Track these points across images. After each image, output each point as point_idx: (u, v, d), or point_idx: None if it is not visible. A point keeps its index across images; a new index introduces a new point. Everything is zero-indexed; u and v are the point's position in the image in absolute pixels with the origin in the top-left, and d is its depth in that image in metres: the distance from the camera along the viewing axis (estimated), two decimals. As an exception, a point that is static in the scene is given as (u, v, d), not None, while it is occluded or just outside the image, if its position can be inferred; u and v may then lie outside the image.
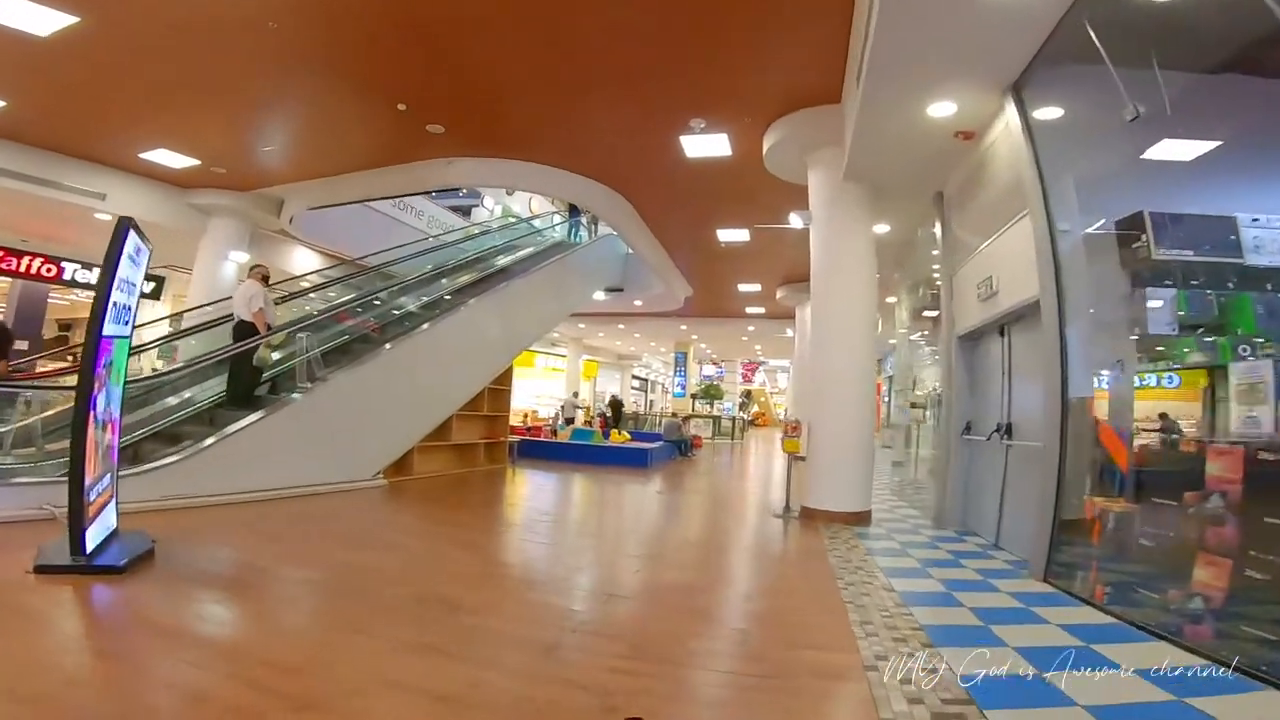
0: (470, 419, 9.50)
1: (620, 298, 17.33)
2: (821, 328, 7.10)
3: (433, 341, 8.58)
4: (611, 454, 11.89)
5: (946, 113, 5.56)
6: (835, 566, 4.61)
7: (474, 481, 8.43)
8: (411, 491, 7.21)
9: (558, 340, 27.70)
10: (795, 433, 6.78)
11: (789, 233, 11.99)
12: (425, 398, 8.23)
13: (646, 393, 42.06)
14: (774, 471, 12.51)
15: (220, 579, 3.73)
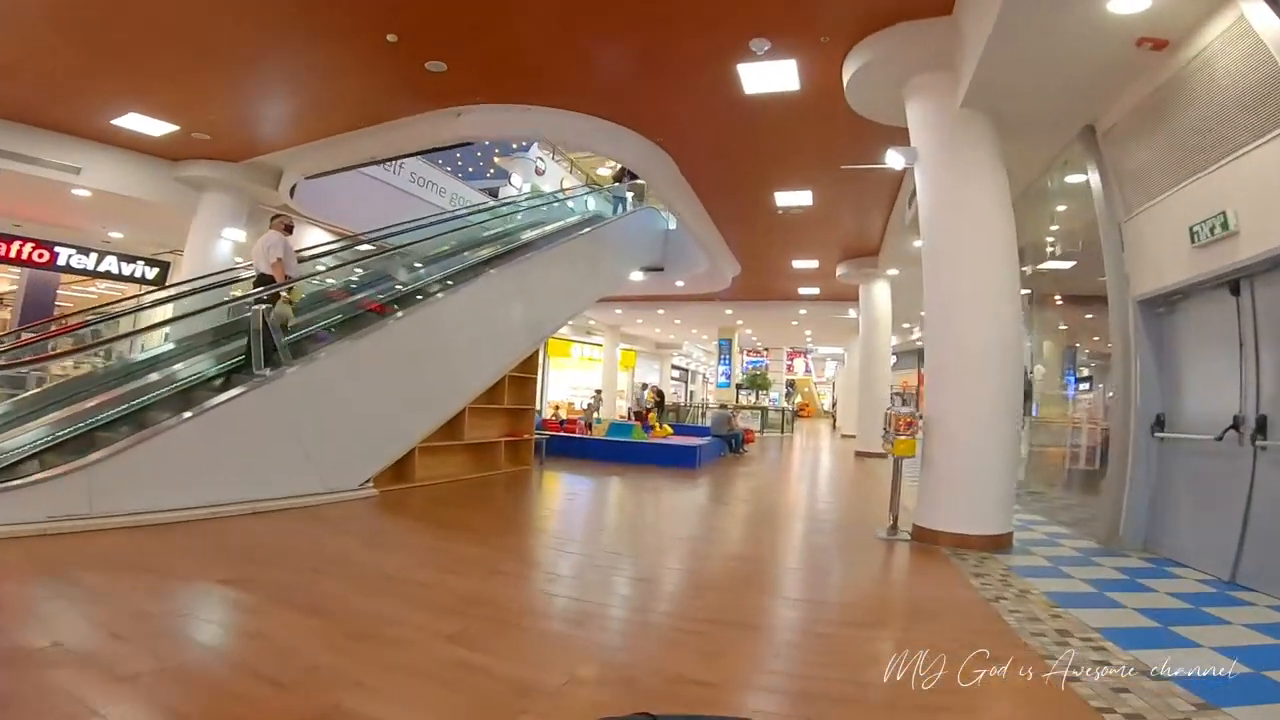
0: (488, 413, 8.05)
1: (660, 278, 15.71)
2: (940, 294, 5.34)
3: (440, 320, 7.13)
4: (653, 452, 10.32)
5: (1136, 7, 3.99)
6: (1023, 631, 2.94)
7: (490, 490, 6.96)
8: (408, 505, 5.77)
9: (594, 328, 26.26)
10: (909, 430, 5.06)
11: (860, 195, 10.19)
12: (429, 387, 6.78)
13: (686, 383, 40.36)
14: (846, 473, 10.73)
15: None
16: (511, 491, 7.08)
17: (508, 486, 7.28)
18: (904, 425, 5.05)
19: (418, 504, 5.85)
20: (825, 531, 5.80)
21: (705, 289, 16.64)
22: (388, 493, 5.99)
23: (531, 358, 8.83)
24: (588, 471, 9.19)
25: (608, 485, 8.00)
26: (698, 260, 14.50)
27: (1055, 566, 4.30)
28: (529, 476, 8.09)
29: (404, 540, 4.66)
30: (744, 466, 11.13)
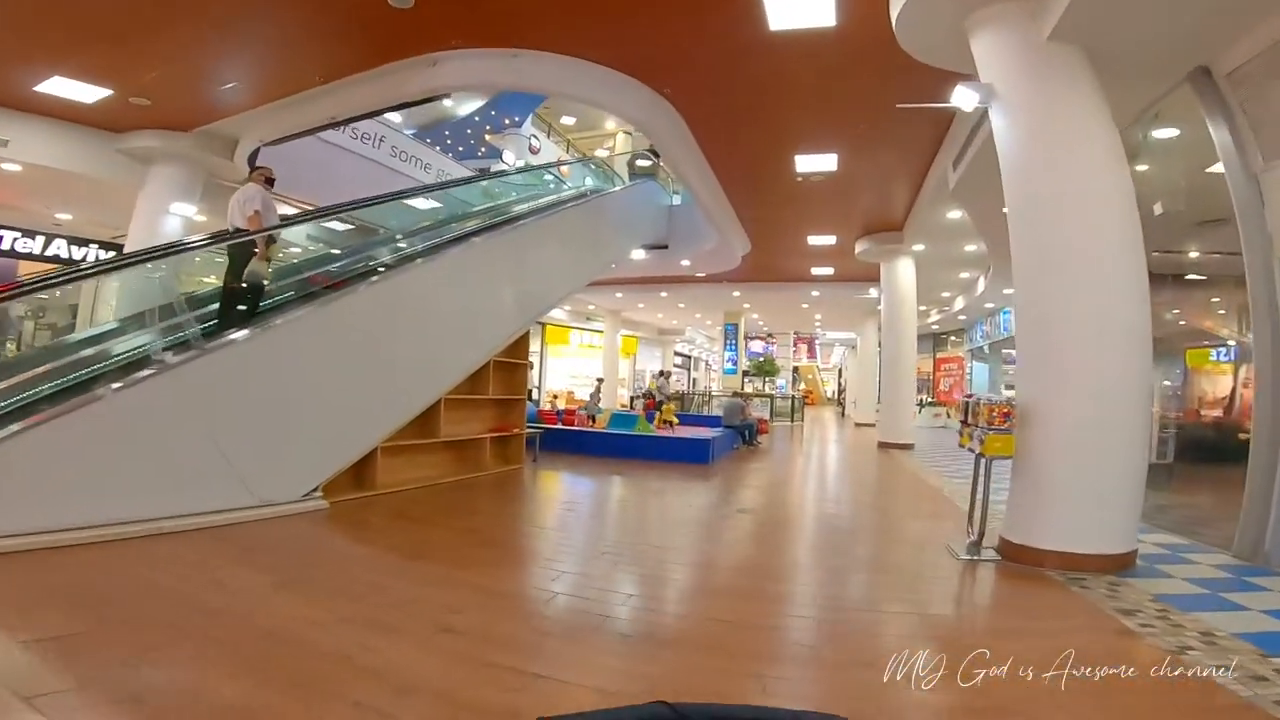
0: (470, 405, 6.99)
1: (664, 257, 14.61)
2: (1038, 254, 4.25)
3: (410, 294, 6.05)
4: (661, 447, 9.27)
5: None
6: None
7: (469, 498, 5.91)
8: (362, 521, 4.72)
9: (593, 313, 25.16)
10: (1008, 423, 3.96)
11: (891, 158, 9.02)
12: (395, 374, 5.72)
13: (690, 370, 39.30)
14: (876, 469, 9.67)
15: None
16: (495, 500, 6.01)
17: (492, 493, 6.22)
18: (1002, 417, 3.95)
19: (375, 519, 4.80)
20: (889, 552, 4.71)
21: (713, 269, 15.53)
22: (341, 504, 4.94)
23: (523, 341, 7.75)
24: (588, 470, 8.15)
25: (610, 489, 6.96)
26: (705, 237, 13.39)
27: (1214, 594, 3.27)
28: (519, 479, 7.04)
29: (335, 575, 3.46)
30: (760, 461, 10.09)
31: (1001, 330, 16.80)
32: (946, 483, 7.69)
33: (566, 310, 25.11)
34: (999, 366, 19.78)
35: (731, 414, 11.65)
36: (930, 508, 6.19)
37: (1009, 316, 16.19)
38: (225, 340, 4.51)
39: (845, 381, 33.72)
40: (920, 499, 6.67)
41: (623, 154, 17.00)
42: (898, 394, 12.61)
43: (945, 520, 5.47)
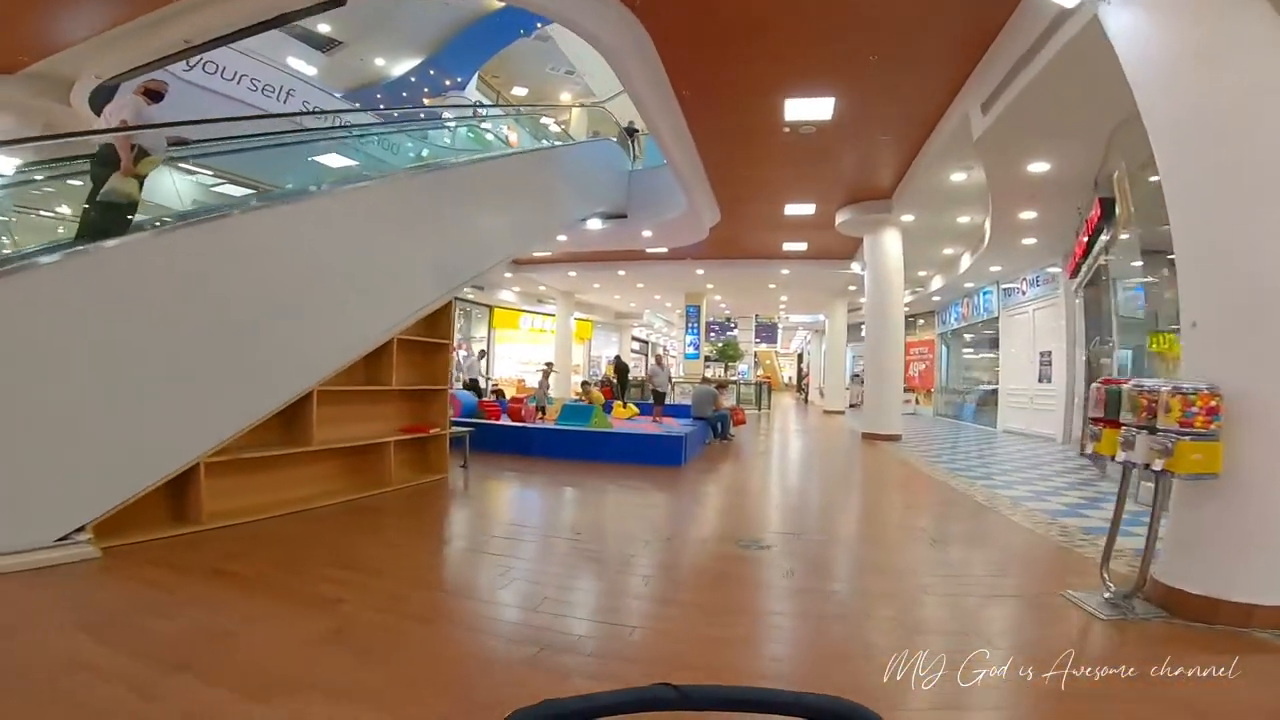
0: (363, 400, 5.22)
1: (623, 228, 12.92)
2: (1225, 188, 2.74)
3: (260, 242, 4.21)
4: (623, 446, 7.63)
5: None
6: None
7: (353, 529, 4.13)
8: (137, 581, 2.94)
9: (545, 295, 23.27)
10: (1210, 425, 2.44)
11: (902, 101, 7.53)
12: (225, 355, 3.90)
13: (648, 356, 37.82)
14: (876, 469, 8.24)
15: None
16: (390, 535, 4.19)
17: (390, 522, 4.44)
18: (1207, 415, 2.41)
19: (168, 575, 3.00)
20: (997, 613, 3.10)
21: (677, 242, 13.91)
22: (134, 549, 3.13)
23: (443, 317, 5.97)
24: (533, 477, 6.47)
25: (560, 511, 5.27)
26: (670, 205, 11.76)
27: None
28: (437, 497, 5.30)
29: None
30: (740, 461, 8.59)
31: (981, 311, 15.80)
32: (971, 484, 6.35)
33: (515, 292, 23.14)
34: (958, 351, 18.90)
35: (702, 404, 10.12)
36: (989, 529, 4.77)
37: (989, 297, 15.18)
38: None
39: (807, 367, 32.81)
40: (964, 513, 5.25)
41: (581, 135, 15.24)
42: (884, 380, 11.32)
43: (1024, 550, 4.05)
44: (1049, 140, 6.89)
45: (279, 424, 4.27)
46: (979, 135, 6.82)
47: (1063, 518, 5.00)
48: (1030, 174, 7.71)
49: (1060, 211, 9.06)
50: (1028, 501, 5.65)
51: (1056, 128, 6.62)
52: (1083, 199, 8.50)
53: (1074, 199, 8.58)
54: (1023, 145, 7.04)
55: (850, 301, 21.14)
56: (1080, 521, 4.85)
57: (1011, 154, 7.25)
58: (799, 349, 39.58)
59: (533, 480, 6.42)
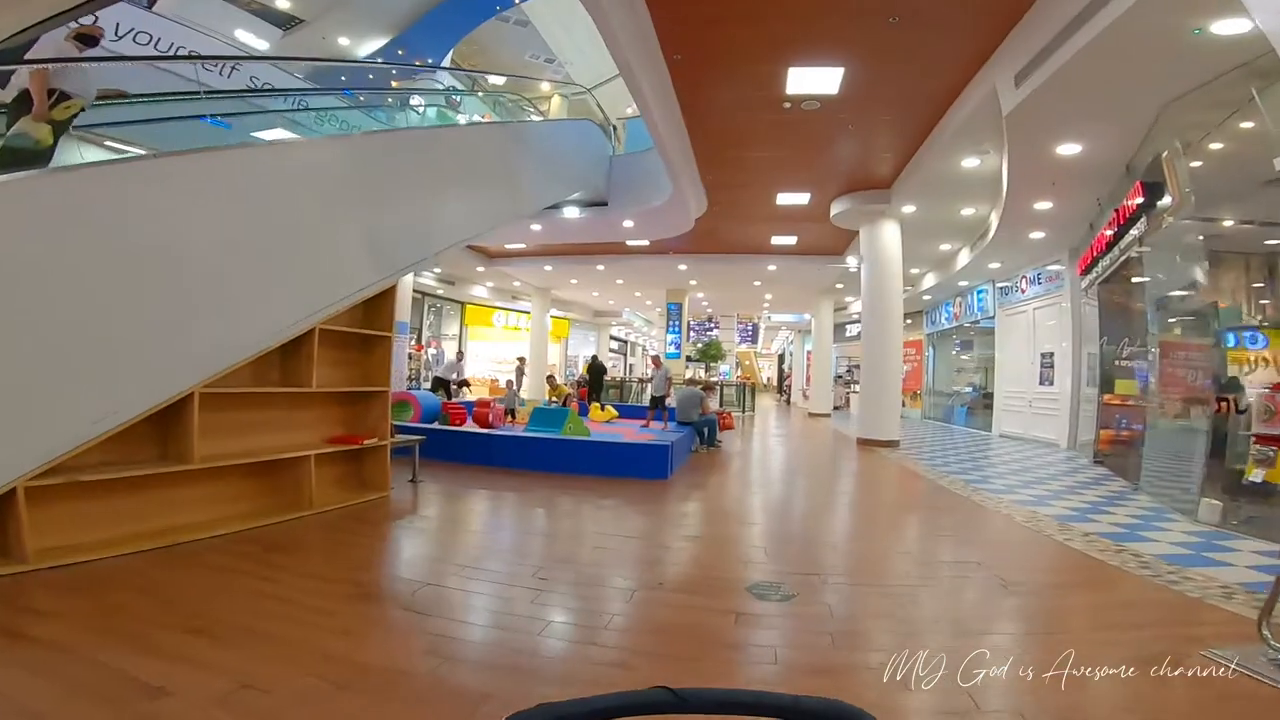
0: (279, 404, 4.22)
1: (602, 217, 12.00)
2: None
3: (134, 200, 3.20)
4: (600, 456, 6.69)
5: None
6: None
7: (223, 575, 3.10)
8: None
9: (520, 291, 22.23)
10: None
11: (917, 76, 6.64)
12: (72, 345, 2.89)
13: (626, 356, 36.92)
14: (885, 481, 7.38)
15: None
16: (276, 584, 3.08)
17: (287, 562, 3.41)
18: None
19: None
20: (1113, 682, 2.22)
21: (660, 233, 13.00)
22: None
23: (384, 306, 4.97)
24: (494, 495, 5.51)
25: (521, 541, 4.30)
26: (654, 191, 10.86)
27: None
28: (370, 522, 4.30)
29: None
30: (731, 471, 7.70)
31: (974, 310, 15.16)
32: (998, 499, 5.55)
33: (489, 287, 22.05)
34: (948, 353, 18.32)
35: (688, 407, 9.22)
36: (1056, 563, 3.93)
37: (984, 296, 14.54)
38: None
39: (789, 368, 32.17)
40: (1014, 541, 4.39)
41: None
42: (882, 382, 10.54)
43: (1115, 592, 3.22)
44: (1088, 119, 6.14)
45: (152, 435, 3.26)
46: (1010, 110, 6.03)
47: (1126, 542, 4.21)
48: (1058, 158, 6.95)
49: (1078, 202, 8.35)
50: (1074, 521, 4.86)
51: (1099, 105, 5.86)
52: (1104, 189, 7.78)
53: (1095, 188, 7.86)
54: (1057, 124, 6.27)
55: (837, 300, 20.47)
56: (1150, 548, 4.06)
57: (1042, 134, 6.49)
58: (780, 349, 38.99)
59: (493, 499, 5.45)
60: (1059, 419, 11.16)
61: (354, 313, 4.75)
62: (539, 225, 12.92)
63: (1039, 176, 7.55)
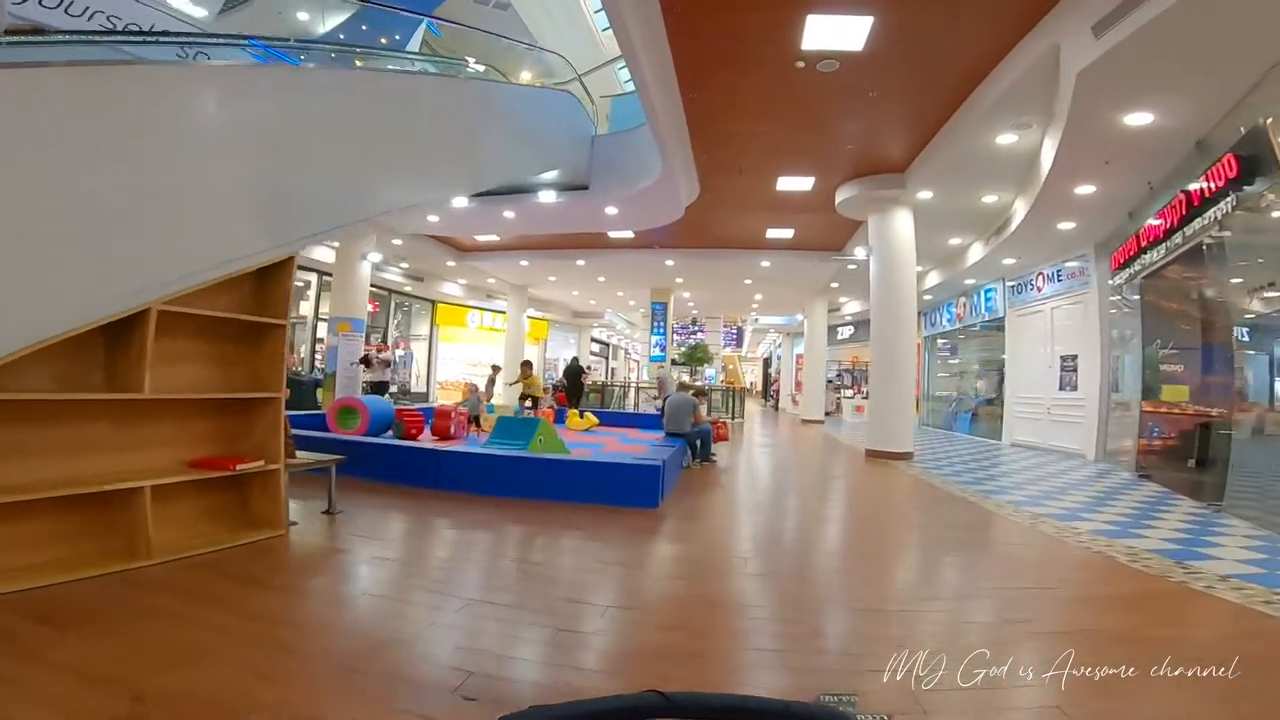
0: (104, 414, 2.92)
1: (583, 203, 10.80)
2: None
3: None
4: (576, 478, 5.43)
5: None
6: None
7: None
8: None
9: (495, 290, 20.90)
10: None
11: (961, 27, 5.57)
12: None
13: (608, 360, 35.69)
14: (931, 505, 6.20)
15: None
16: (24, 684, 1.92)
17: (40, 649, 2.16)
18: None
19: None
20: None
21: (646, 222, 11.80)
22: None
23: (276, 284, 3.69)
24: (432, 532, 4.26)
25: (452, 613, 2.99)
26: (641, 172, 9.69)
27: None
28: (241, 574, 3.01)
29: None
30: (733, 494, 6.51)
31: (981, 311, 14.18)
32: (1074, 530, 4.41)
33: (461, 284, 20.68)
34: (950, 356, 17.41)
35: (679, 416, 8.01)
36: (1241, 630, 2.79)
37: (992, 295, 13.56)
38: None
39: (776, 372, 31.17)
40: (1166, 605, 3.23)
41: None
42: (894, 387, 9.43)
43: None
44: (1173, 81, 5.10)
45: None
46: (1084, 66, 4.95)
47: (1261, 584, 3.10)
48: (1123, 130, 5.89)
49: (1126, 185, 7.31)
50: (1190, 559, 3.74)
51: (1193, 64, 4.82)
52: (1165, 168, 6.72)
53: (1153, 168, 6.80)
54: (1134, 86, 5.22)
55: (831, 301, 19.45)
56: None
57: (1112, 99, 5.42)
58: (766, 353, 38.04)
59: (429, 539, 4.20)
60: (1083, 427, 10.15)
61: (238, 294, 3.47)
62: (512, 212, 11.69)
63: (1093, 153, 6.48)
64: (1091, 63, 4.90)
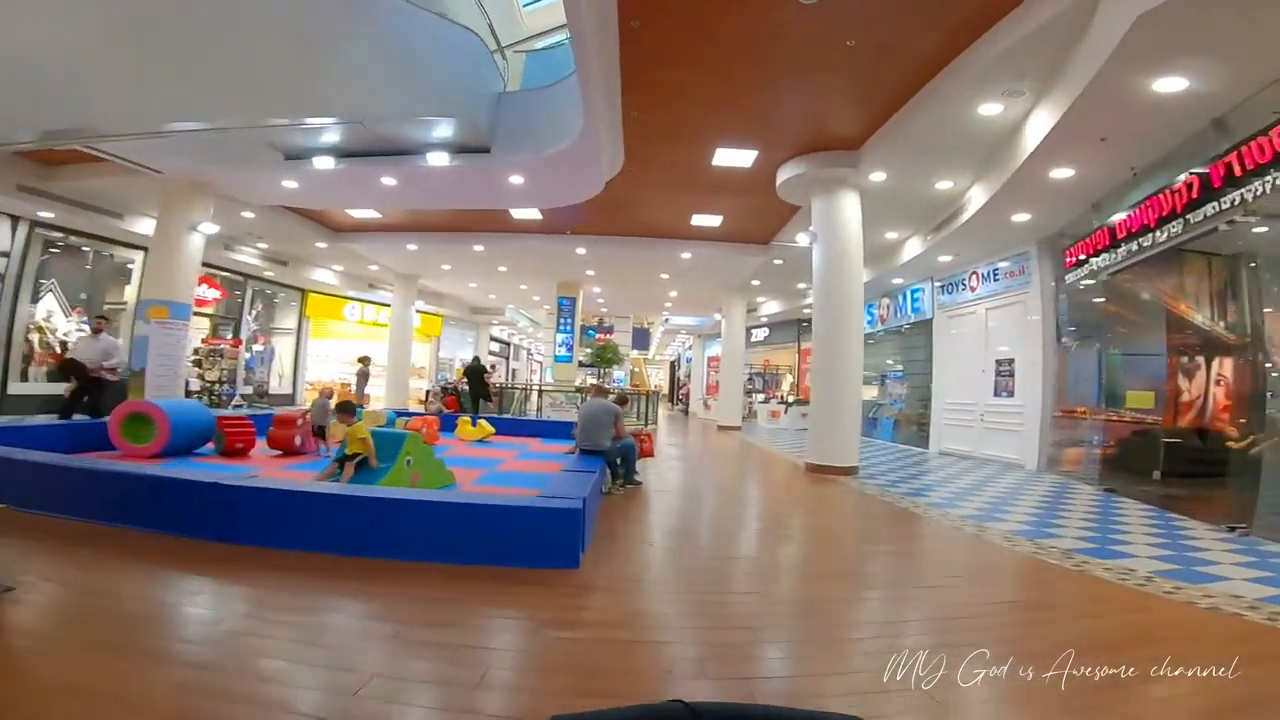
0: None
1: (483, 169, 8.93)
2: None
3: None
4: (459, 526, 3.66)
5: None
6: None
7: None
8: None
9: (377, 278, 18.29)
10: None
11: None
12: None
13: (509, 360, 33.36)
14: (924, 539, 4.87)
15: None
16: None
17: None
18: None
19: None
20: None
21: (558, 198, 10.08)
22: None
23: None
24: (154, 633, 2.36)
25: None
26: (556, 134, 8.00)
27: None
28: None
29: None
30: (678, 535, 4.97)
31: (907, 312, 13.64)
32: (1112, 571, 3.24)
33: (337, 271, 17.89)
34: (870, 361, 16.92)
35: (596, 428, 6.36)
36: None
37: (919, 295, 13.01)
38: None
39: (686, 375, 30.25)
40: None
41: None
42: (838, 393, 8.30)
43: None
44: (1226, 37, 4.14)
45: None
46: (1153, 6, 3.86)
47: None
48: (1147, 97, 4.94)
49: (1104, 170, 6.52)
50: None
51: (1268, 18, 3.86)
52: (1164, 148, 5.90)
53: (1146, 151, 5.97)
54: (1189, 40, 4.23)
55: (750, 301, 18.54)
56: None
57: (1159, 55, 4.42)
58: (676, 354, 37.14)
59: (130, 662, 2.33)
60: (1023, 435, 9.54)
61: None
62: (393, 178, 9.62)
63: (1095, 124, 5.53)
64: (1152, 9, 3.83)
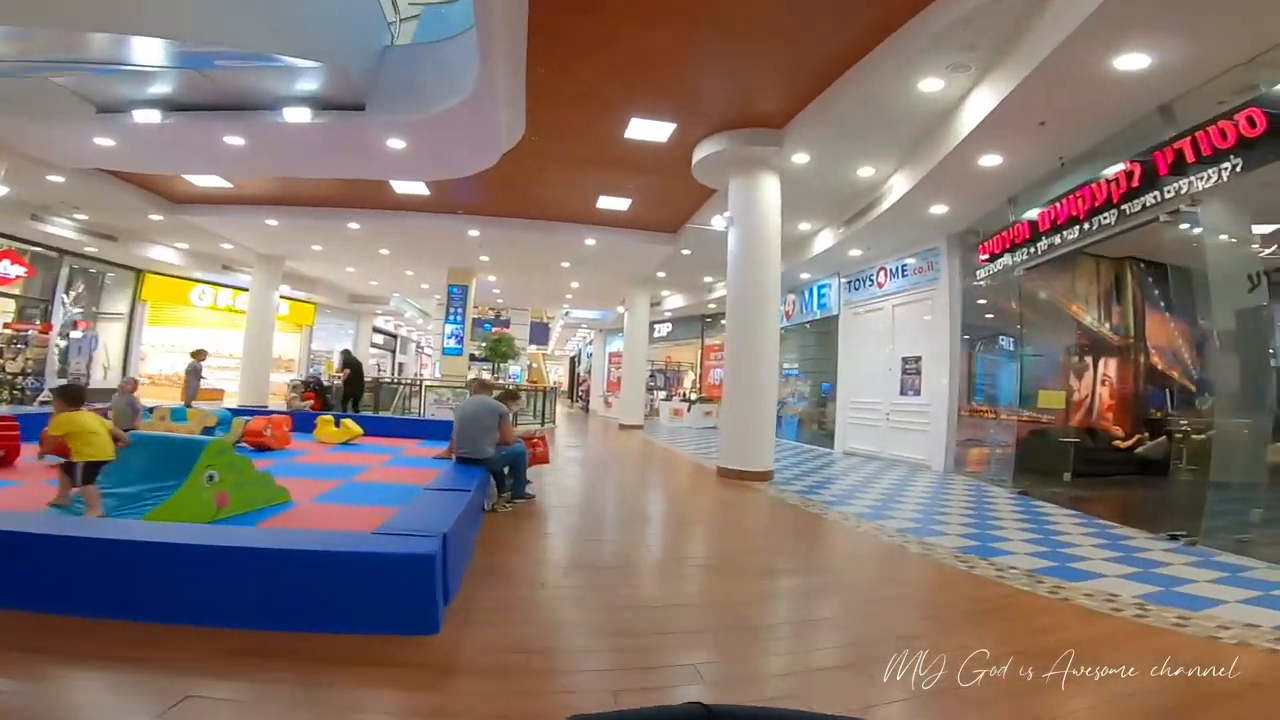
0: None
1: (356, 128, 7.51)
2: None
3: None
4: (265, 580, 2.52)
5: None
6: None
7: None
8: None
9: (233, 259, 15.90)
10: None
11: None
12: None
13: (395, 354, 30.84)
14: (888, 570, 4.14)
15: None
16: None
17: None
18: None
19: None
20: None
21: (446, 167, 8.75)
22: None
23: None
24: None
25: None
26: (446, 90, 6.80)
27: None
28: None
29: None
30: (578, 569, 4.02)
31: (812, 309, 13.46)
32: (1095, 596, 2.71)
33: (181, 249, 15.32)
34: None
35: (477, 430, 5.24)
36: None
37: (826, 291, 12.85)
38: None
39: (586, 372, 29.28)
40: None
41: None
42: (753, 392, 7.69)
43: None
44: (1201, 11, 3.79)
45: None
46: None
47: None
48: (1104, 74, 4.58)
49: (1032, 159, 6.28)
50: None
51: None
52: (1090, 139, 5.67)
53: (1083, 137, 5.72)
54: (1164, 7, 3.83)
55: (653, 294, 17.89)
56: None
57: (1125, 24, 4.02)
58: (575, 350, 36.05)
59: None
60: (929, 436, 9.44)
61: None
62: (239, 136, 7.96)
63: (1039, 106, 5.18)
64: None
